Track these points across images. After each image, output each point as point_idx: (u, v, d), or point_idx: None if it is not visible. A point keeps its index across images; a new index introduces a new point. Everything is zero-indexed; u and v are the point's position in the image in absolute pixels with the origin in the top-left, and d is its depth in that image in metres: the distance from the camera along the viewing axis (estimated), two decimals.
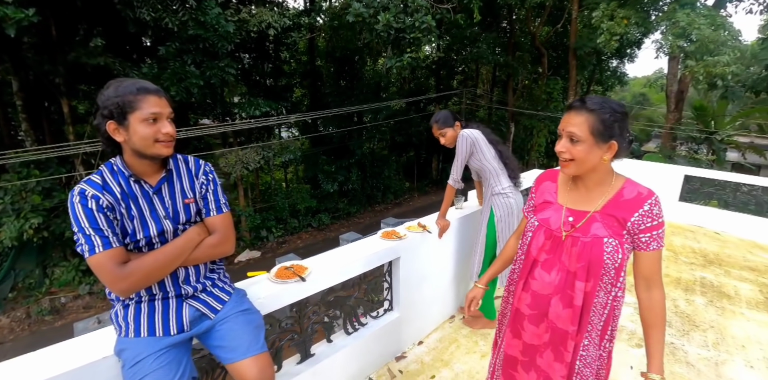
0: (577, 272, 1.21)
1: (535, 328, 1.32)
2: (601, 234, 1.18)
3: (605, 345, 1.28)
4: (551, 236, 1.27)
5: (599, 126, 1.12)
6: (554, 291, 1.26)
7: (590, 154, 1.15)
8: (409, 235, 2.29)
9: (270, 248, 13.63)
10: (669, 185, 5.60)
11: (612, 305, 1.23)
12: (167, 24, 9.20)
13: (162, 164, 1.30)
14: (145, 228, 1.24)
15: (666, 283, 3.68)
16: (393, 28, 9.55)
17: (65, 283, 10.17)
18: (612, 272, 1.18)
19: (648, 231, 1.16)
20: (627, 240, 1.18)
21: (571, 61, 15.00)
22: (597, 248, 1.17)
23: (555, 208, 1.30)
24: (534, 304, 1.31)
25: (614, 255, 1.16)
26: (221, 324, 1.36)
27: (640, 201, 1.16)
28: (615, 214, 1.18)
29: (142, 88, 1.18)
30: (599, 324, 1.24)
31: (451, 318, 2.93)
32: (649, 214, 1.15)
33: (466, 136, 2.36)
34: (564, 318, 1.25)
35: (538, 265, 1.30)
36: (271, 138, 14.89)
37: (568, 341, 1.25)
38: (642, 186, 1.21)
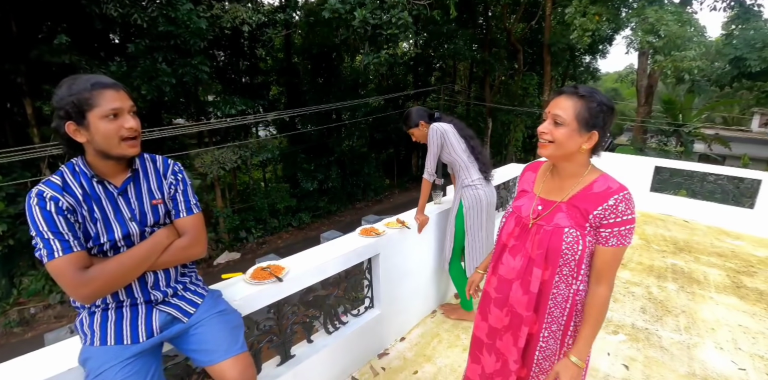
0: (536, 259, 1.23)
1: (499, 311, 1.34)
2: (562, 224, 1.20)
3: (568, 342, 1.28)
4: (520, 223, 1.30)
5: (585, 113, 1.13)
6: (516, 276, 1.29)
7: (570, 139, 1.14)
8: (387, 232, 2.28)
9: (250, 249, 13.43)
10: (640, 176, 5.77)
11: (574, 299, 1.23)
12: (136, 20, 8.90)
13: (127, 164, 1.23)
14: (110, 231, 1.17)
15: (639, 271, 3.80)
16: (370, 24, 9.49)
17: (34, 293, 9.76)
18: (572, 263, 1.19)
19: (609, 227, 1.15)
20: (590, 232, 1.18)
21: (546, 57, 15.27)
22: (556, 237, 1.19)
23: (529, 197, 1.33)
24: (500, 288, 1.34)
25: (573, 246, 1.17)
26: (197, 327, 1.31)
27: (607, 196, 1.16)
28: (579, 206, 1.19)
29: (97, 83, 1.11)
30: (561, 318, 1.25)
31: (433, 313, 2.94)
32: (613, 210, 1.14)
33: (435, 129, 2.39)
34: (521, 304, 1.27)
35: (507, 250, 1.33)
36: (248, 137, 14.63)
37: (522, 327, 1.28)
38: (615, 181, 1.20)
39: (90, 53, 10.05)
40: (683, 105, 14.68)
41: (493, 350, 1.39)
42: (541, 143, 1.19)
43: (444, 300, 3.10)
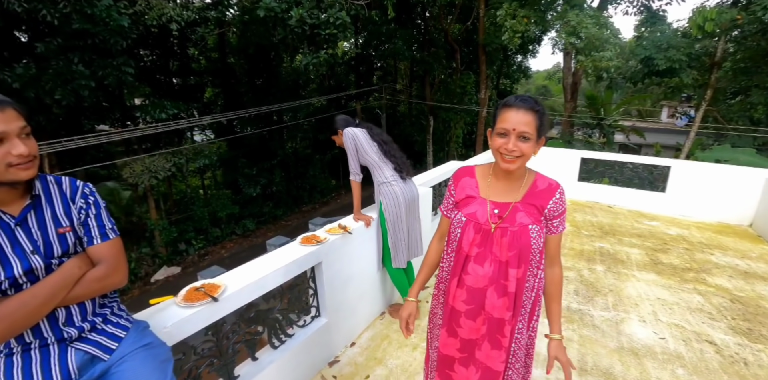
0: (509, 260, 1.29)
1: (473, 323, 1.36)
2: (525, 222, 1.28)
3: (534, 325, 1.41)
4: (480, 230, 1.32)
5: (540, 124, 1.21)
6: (489, 283, 1.32)
7: (533, 150, 1.23)
8: (329, 238, 2.25)
9: (191, 262, 12.71)
10: (569, 167, 6.19)
11: (537, 287, 1.35)
12: (45, 17, 8.03)
13: (26, 189, 1.09)
14: (7, 268, 1.02)
15: (572, 256, 4.08)
16: (307, 24, 9.32)
17: None
18: (537, 256, 1.30)
19: (558, 217, 1.31)
20: (544, 225, 1.31)
21: (481, 56, 15.89)
22: (524, 235, 1.27)
23: (479, 202, 1.35)
24: (470, 299, 1.35)
25: (538, 240, 1.29)
26: (119, 364, 1.17)
27: (552, 191, 1.30)
28: (534, 203, 1.29)
29: None
30: (529, 306, 1.35)
31: (382, 315, 2.96)
32: (559, 202, 1.30)
33: (346, 133, 2.56)
34: (500, 307, 1.32)
35: (471, 260, 1.34)
36: (182, 142, 13.81)
37: (505, 327, 1.33)
38: (548, 177, 1.35)
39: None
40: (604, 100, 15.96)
41: (471, 361, 1.40)
42: (510, 159, 1.23)
43: (392, 301, 3.13)
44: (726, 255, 4.15)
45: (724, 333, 2.79)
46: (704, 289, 3.42)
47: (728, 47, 11.37)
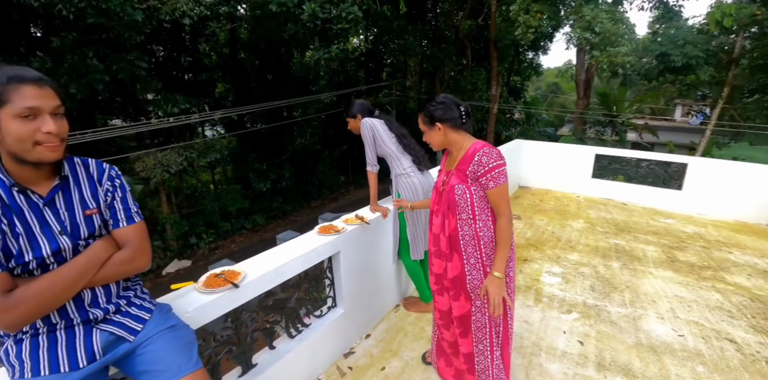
0: (445, 212, 1.72)
1: (438, 260, 1.83)
2: (453, 183, 1.66)
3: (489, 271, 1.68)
4: (437, 191, 1.80)
5: (424, 118, 1.73)
6: (439, 230, 1.77)
7: (429, 136, 1.75)
8: (347, 228, 2.24)
9: (201, 255, 12.82)
10: (583, 164, 6.12)
11: (478, 236, 1.65)
12: (61, 11, 8.10)
13: (54, 170, 1.09)
14: (36, 248, 1.02)
15: (586, 252, 4.03)
16: (319, 19, 9.30)
17: None
18: (468, 209, 1.64)
19: (484, 175, 1.58)
20: (473, 184, 1.62)
21: (492, 52, 15.75)
22: (451, 193, 1.66)
23: (441, 173, 1.82)
24: (434, 242, 1.83)
25: (463, 196, 1.63)
26: (144, 346, 1.18)
27: (473, 154, 1.61)
28: (460, 168, 1.65)
29: (14, 76, 0.96)
30: (475, 253, 1.67)
31: (396, 307, 2.95)
32: (479, 163, 1.58)
33: (365, 123, 2.54)
34: (444, 245, 1.75)
35: (433, 213, 1.84)
36: (193, 137, 13.86)
37: (446, 262, 1.77)
38: (481, 143, 1.65)
39: (7, 48, 9.07)
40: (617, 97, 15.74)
41: (444, 291, 1.83)
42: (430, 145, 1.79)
43: (407, 293, 3.12)
44: (744, 254, 4.07)
45: (744, 332, 2.73)
46: (723, 287, 3.36)
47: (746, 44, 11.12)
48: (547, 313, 2.92)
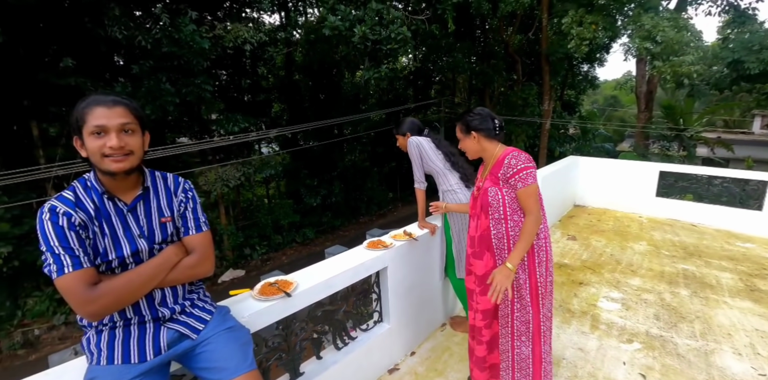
0: (479, 214, 1.85)
1: (476, 260, 1.89)
2: (486, 186, 1.81)
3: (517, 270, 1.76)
4: (473, 197, 1.95)
5: (462, 127, 1.89)
6: (475, 232, 1.89)
7: (464, 144, 1.90)
8: (395, 244, 2.27)
9: (254, 266, 13.35)
10: (645, 181, 5.74)
11: (508, 235, 1.77)
12: (140, 42, 9.07)
13: (139, 181, 1.24)
14: (118, 248, 1.17)
15: (650, 277, 3.74)
16: (369, 40, 9.65)
17: (39, 314, 9.67)
18: (500, 210, 1.76)
19: (512, 177, 1.71)
20: (504, 186, 1.75)
21: (544, 66, 15.40)
22: (484, 195, 1.80)
23: (477, 181, 1.96)
24: (471, 244, 1.94)
25: (496, 197, 1.76)
26: (205, 345, 1.28)
27: (503, 159, 1.75)
28: (493, 172, 1.80)
29: (93, 100, 1.12)
30: (504, 249, 1.78)
31: (443, 326, 2.90)
32: (509, 166, 1.72)
33: (411, 141, 2.60)
34: (477, 244, 1.87)
35: (471, 218, 1.96)
36: (251, 154, 14.70)
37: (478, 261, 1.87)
38: (510, 149, 1.79)
39: (95, 75, 10.23)
40: (683, 109, 14.69)
41: (485, 291, 1.84)
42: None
43: (453, 313, 3.06)
44: None
45: None
46: None
47: None
48: (604, 341, 2.73)
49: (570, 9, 11.10)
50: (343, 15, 9.42)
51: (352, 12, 9.52)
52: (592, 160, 6.31)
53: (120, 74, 10.70)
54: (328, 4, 9.69)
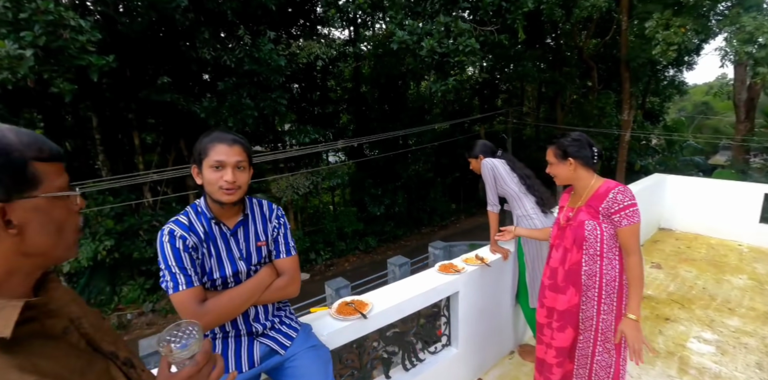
0: (569, 247, 1.75)
1: (553, 293, 1.84)
2: (583, 219, 1.71)
3: (605, 308, 1.70)
4: (559, 227, 1.86)
5: (557, 152, 1.78)
6: (559, 264, 1.81)
7: (557, 168, 1.80)
8: (467, 269, 2.25)
9: (318, 271, 13.84)
10: (747, 204, 5.09)
11: (602, 273, 1.69)
12: (225, 61, 9.98)
13: (240, 208, 1.37)
14: (222, 269, 1.31)
15: (752, 318, 3.31)
16: (437, 53, 9.70)
17: (131, 301, 10.92)
18: (596, 245, 1.68)
19: (618, 213, 1.63)
20: (604, 221, 1.67)
21: (624, 73, 14.39)
22: (579, 228, 1.71)
23: (564, 210, 1.86)
24: (550, 275, 1.87)
25: (593, 232, 1.68)
26: (292, 361, 1.39)
27: (607, 192, 1.66)
28: (592, 205, 1.70)
29: (217, 137, 1.26)
30: (593, 288, 1.71)
31: (511, 354, 2.80)
32: (614, 201, 1.63)
33: (485, 163, 2.55)
34: (561, 279, 1.79)
35: (553, 248, 1.89)
36: (319, 163, 15.40)
37: (559, 295, 1.80)
38: (613, 182, 1.70)
39: (186, 91, 11.38)
40: None
41: (564, 328, 1.79)
42: (554, 178, 1.85)
43: (522, 341, 2.95)
44: None
45: None
46: None
47: None
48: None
49: (654, 11, 10.28)
50: (410, 29, 9.58)
51: (419, 26, 9.65)
52: (681, 178, 5.73)
53: (207, 90, 11.81)
54: (396, 19, 9.93)
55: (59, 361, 0.59)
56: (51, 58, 6.07)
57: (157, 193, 11.87)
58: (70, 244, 0.66)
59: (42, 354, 0.57)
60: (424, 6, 10.14)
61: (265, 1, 10.00)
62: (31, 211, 0.58)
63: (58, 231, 0.63)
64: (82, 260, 9.59)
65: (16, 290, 0.59)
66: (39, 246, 0.60)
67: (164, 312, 10.89)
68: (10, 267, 0.58)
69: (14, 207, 0.57)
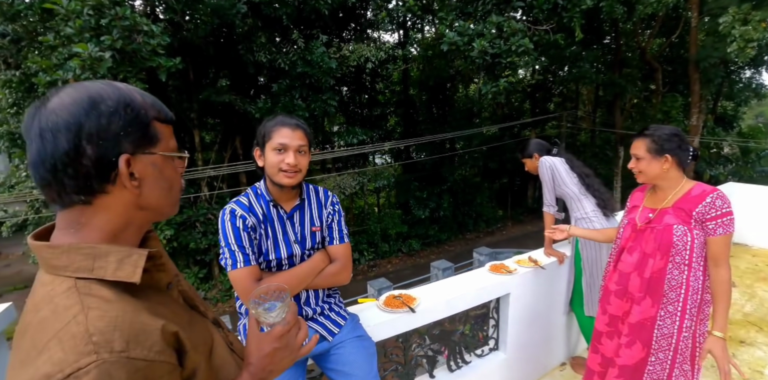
0: (651, 252, 1.58)
1: (620, 301, 1.69)
2: (671, 223, 1.55)
3: (687, 324, 1.54)
4: (634, 229, 1.68)
5: (653, 146, 1.58)
6: (633, 269, 1.65)
7: (650, 166, 1.60)
8: (519, 270, 2.15)
9: (361, 271, 13.95)
10: None
11: (689, 284, 1.52)
12: (279, 64, 10.37)
13: (298, 192, 1.39)
14: (277, 250, 1.33)
15: None
16: (488, 54, 9.50)
17: None
18: (684, 253, 1.51)
19: (713, 220, 1.48)
20: (696, 227, 1.51)
21: (692, 74, 13.34)
22: (667, 233, 1.54)
23: (641, 209, 1.70)
24: (620, 281, 1.70)
25: (683, 238, 1.51)
26: (338, 348, 1.39)
27: (704, 196, 1.51)
28: (683, 207, 1.54)
29: (281, 121, 1.30)
30: (677, 301, 1.53)
31: (562, 366, 2.64)
32: (711, 205, 1.48)
33: (543, 162, 2.42)
34: (636, 287, 1.62)
35: (624, 250, 1.71)
36: (365, 164, 15.57)
37: (633, 305, 1.62)
38: (708, 186, 1.56)
39: (243, 93, 11.94)
40: None
41: (615, 334, 1.69)
42: (636, 174, 1.67)
43: (575, 353, 2.77)
44: None
45: None
46: None
47: None
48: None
49: (730, 5, 9.45)
50: (461, 30, 9.45)
51: (470, 27, 9.49)
52: (758, 188, 5.18)
53: (262, 92, 12.32)
54: (446, 20, 9.84)
55: (172, 310, 0.62)
56: (126, 59, 6.59)
57: (213, 188, 12.53)
58: (175, 201, 0.70)
59: (159, 301, 0.61)
60: (475, 6, 9.98)
61: (318, 6, 10.28)
62: (150, 166, 0.62)
63: (169, 187, 0.66)
64: None
65: (129, 241, 0.62)
66: (152, 200, 0.63)
67: (215, 300, 11.44)
68: (128, 218, 0.61)
69: (137, 161, 0.60)
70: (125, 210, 0.61)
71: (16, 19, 7.12)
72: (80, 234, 0.58)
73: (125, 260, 0.57)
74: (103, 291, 0.54)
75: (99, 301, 0.52)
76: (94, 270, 0.55)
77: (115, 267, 0.56)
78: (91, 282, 0.55)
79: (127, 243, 0.61)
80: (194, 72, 11.39)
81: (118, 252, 0.57)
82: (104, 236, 0.59)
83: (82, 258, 0.55)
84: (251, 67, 11.13)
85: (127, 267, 0.56)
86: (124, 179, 0.58)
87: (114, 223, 0.60)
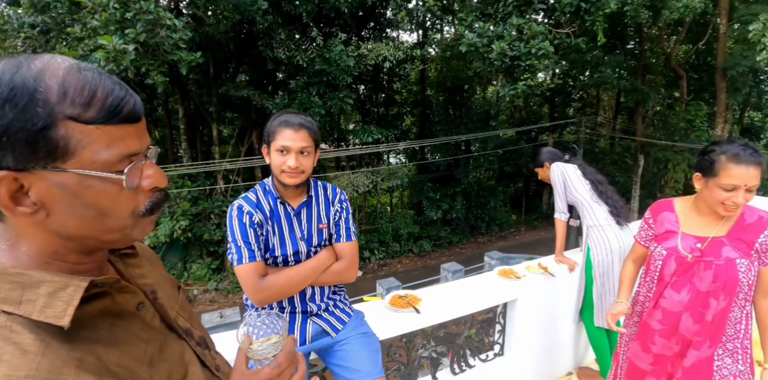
0: (712, 291, 1.38)
1: (666, 341, 1.50)
2: (732, 256, 1.36)
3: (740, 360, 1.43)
4: (680, 262, 1.45)
5: None
6: (684, 309, 1.44)
7: None
8: (528, 276, 2.12)
9: (371, 269, 13.97)
10: None
11: (747, 320, 1.41)
12: (298, 61, 10.45)
13: (305, 189, 1.39)
14: (283, 247, 1.34)
15: None
16: (507, 56, 9.40)
17: (198, 278, 11.86)
18: (746, 289, 1.37)
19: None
20: (755, 258, 1.36)
21: (719, 82, 12.97)
22: (731, 269, 1.35)
23: (679, 236, 1.47)
24: (665, 320, 1.50)
25: (748, 274, 1.35)
26: (342, 344, 1.40)
27: (764, 225, 1.35)
28: (742, 237, 1.37)
29: (284, 121, 1.29)
30: (736, 338, 1.41)
31: (568, 375, 2.59)
32: None
33: (554, 168, 2.40)
34: (693, 332, 1.43)
35: (668, 286, 1.49)
36: (380, 163, 15.57)
37: (689, 349, 1.44)
38: (758, 209, 1.40)
39: (261, 88, 12.07)
40: None
41: (663, 374, 1.53)
42: (732, 209, 1.35)
43: (582, 363, 2.72)
44: None
45: None
46: None
47: None
48: None
49: (761, 12, 9.17)
50: (480, 31, 9.37)
51: (490, 28, 9.40)
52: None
53: (280, 88, 12.42)
54: (466, 21, 9.77)
55: (128, 349, 0.50)
56: (149, 53, 6.72)
57: (228, 181, 12.71)
58: (118, 228, 0.50)
59: (109, 340, 0.49)
60: (495, 8, 9.88)
61: (338, 5, 10.32)
62: (54, 188, 0.44)
63: (96, 215, 0.47)
64: (161, 236, 10.59)
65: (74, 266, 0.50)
66: (72, 231, 0.47)
67: (226, 291, 11.63)
68: (54, 246, 0.48)
69: (33, 179, 0.43)
70: (45, 236, 0.47)
71: (45, 11, 7.33)
72: (13, 253, 0.46)
73: (58, 293, 0.44)
74: (24, 335, 0.42)
75: (13, 352, 0.40)
76: (21, 304, 0.43)
77: (44, 303, 0.44)
78: (16, 319, 0.43)
79: (68, 269, 0.48)
80: (214, 66, 11.56)
81: (51, 282, 0.45)
82: (35, 261, 0.47)
83: (10, 287, 0.44)
84: (270, 62, 11.24)
85: (59, 304, 0.44)
86: (5, 203, 0.42)
87: (41, 249, 0.47)
